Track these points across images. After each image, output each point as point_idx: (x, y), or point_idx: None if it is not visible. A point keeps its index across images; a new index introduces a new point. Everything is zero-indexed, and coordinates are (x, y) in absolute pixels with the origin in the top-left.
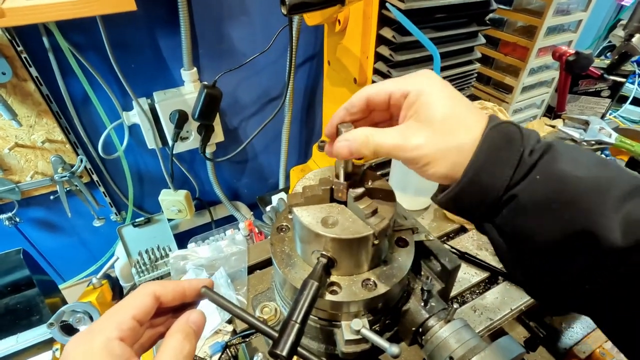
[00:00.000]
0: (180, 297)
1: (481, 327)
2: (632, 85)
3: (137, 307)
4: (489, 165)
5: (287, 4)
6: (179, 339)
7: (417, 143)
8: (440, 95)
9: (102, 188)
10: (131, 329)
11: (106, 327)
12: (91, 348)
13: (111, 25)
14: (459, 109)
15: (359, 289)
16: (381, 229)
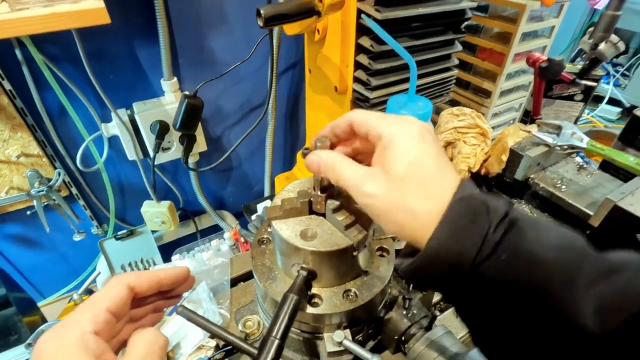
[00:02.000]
0: (156, 286)
1: (463, 332)
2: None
3: (111, 299)
4: (451, 241)
5: (263, 17)
6: (150, 332)
7: (370, 191)
8: (411, 151)
9: (82, 201)
10: (106, 321)
11: (80, 320)
12: (64, 342)
13: (87, 36)
14: (426, 170)
15: (340, 301)
16: (359, 239)
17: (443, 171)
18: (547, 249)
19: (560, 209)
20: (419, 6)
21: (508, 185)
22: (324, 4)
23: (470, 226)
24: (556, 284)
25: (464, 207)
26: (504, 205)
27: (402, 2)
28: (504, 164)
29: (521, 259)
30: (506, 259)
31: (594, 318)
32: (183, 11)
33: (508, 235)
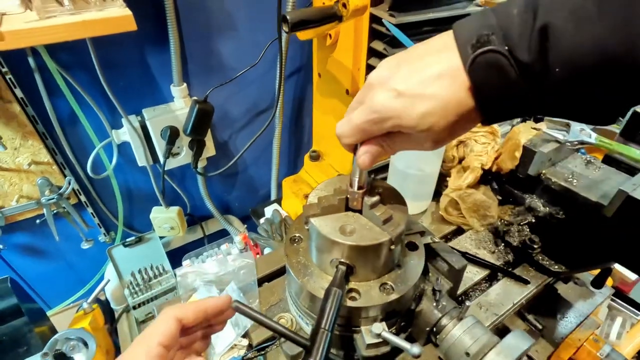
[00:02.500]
0: (203, 316)
1: (488, 322)
2: None
3: (162, 334)
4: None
5: (290, 22)
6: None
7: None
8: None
9: (91, 209)
10: (159, 355)
11: (136, 356)
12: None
13: (100, 44)
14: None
15: (377, 294)
16: (397, 234)
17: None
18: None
19: (572, 201)
20: (430, 11)
21: (520, 181)
22: (348, 10)
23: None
24: (616, 59)
25: (486, 71)
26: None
27: (414, 7)
28: (517, 160)
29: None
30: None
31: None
32: (193, 19)
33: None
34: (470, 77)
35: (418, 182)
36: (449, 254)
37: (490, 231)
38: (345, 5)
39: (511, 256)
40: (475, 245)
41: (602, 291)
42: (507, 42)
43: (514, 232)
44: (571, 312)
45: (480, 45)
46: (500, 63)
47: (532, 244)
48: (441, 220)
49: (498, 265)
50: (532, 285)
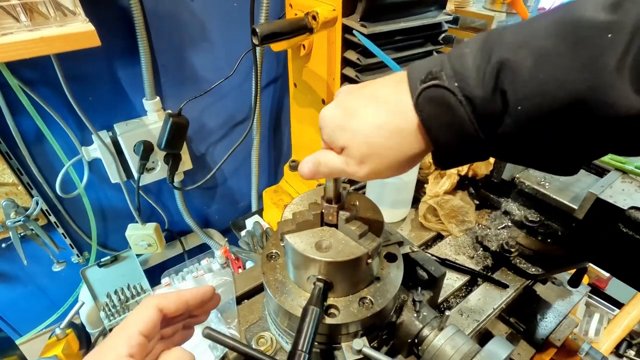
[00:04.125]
0: (184, 307)
1: (469, 329)
2: None
3: (143, 322)
4: (450, 142)
5: (259, 35)
6: (178, 350)
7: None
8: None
9: (61, 229)
10: (140, 344)
11: (115, 344)
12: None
13: (65, 59)
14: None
15: (357, 309)
16: (374, 247)
17: (375, 93)
18: (551, 69)
19: (545, 204)
20: (401, 20)
21: (495, 185)
22: (318, 22)
23: (451, 121)
24: (581, 97)
25: (433, 107)
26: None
27: (385, 16)
28: (492, 165)
29: (529, 104)
30: (513, 120)
31: (634, 99)
32: (164, 31)
33: (505, 91)
34: (417, 113)
35: (396, 191)
36: (428, 262)
37: (469, 236)
38: (315, 18)
39: (490, 260)
40: (454, 251)
41: (579, 289)
42: (457, 78)
43: (491, 236)
44: (550, 313)
45: (428, 80)
46: (447, 98)
47: (509, 247)
48: (421, 227)
49: (477, 270)
50: (511, 288)
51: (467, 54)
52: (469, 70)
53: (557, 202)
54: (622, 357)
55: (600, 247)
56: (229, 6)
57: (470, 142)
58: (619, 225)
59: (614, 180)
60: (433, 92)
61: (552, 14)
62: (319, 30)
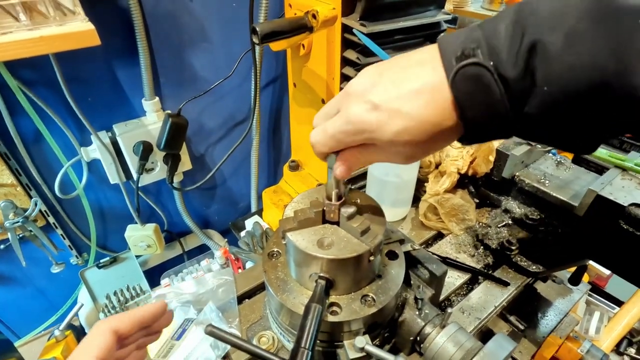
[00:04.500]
0: (139, 325)
1: (471, 327)
2: None
3: (98, 347)
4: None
5: (259, 34)
6: None
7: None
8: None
9: (60, 230)
10: (110, 351)
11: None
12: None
13: (64, 59)
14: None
15: (359, 306)
16: (376, 244)
17: (409, 67)
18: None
19: (545, 202)
20: (400, 20)
21: (495, 184)
22: (318, 21)
23: (487, 101)
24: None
25: (469, 85)
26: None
27: (385, 16)
28: (492, 163)
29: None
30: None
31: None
32: (163, 31)
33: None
34: (452, 91)
35: (396, 189)
36: (429, 260)
37: (470, 234)
38: (315, 16)
39: (491, 258)
40: (455, 250)
41: (580, 287)
42: (492, 57)
43: (492, 235)
44: (551, 311)
45: (465, 58)
46: (484, 77)
47: (509, 245)
48: (421, 226)
49: (478, 268)
50: (512, 286)
51: (501, 31)
52: (503, 50)
53: (557, 199)
54: (623, 355)
55: (601, 244)
56: (228, 6)
57: (498, 120)
58: (620, 222)
59: (613, 177)
60: (472, 70)
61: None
62: (319, 29)
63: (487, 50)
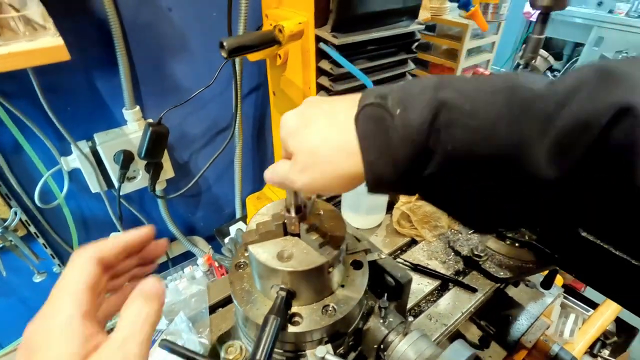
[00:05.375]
0: (123, 250)
1: (437, 333)
2: None
3: (84, 277)
4: (382, 163)
5: (226, 49)
6: (137, 303)
7: (293, 177)
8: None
9: (42, 239)
10: (88, 301)
11: (61, 306)
12: (53, 330)
13: (42, 71)
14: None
15: (320, 316)
16: (334, 256)
17: (332, 109)
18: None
19: None
20: (372, 31)
21: None
22: (284, 35)
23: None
24: (505, 153)
25: (370, 125)
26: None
27: (357, 27)
28: None
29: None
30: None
31: (548, 167)
32: (143, 41)
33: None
34: (356, 131)
35: (371, 197)
36: (395, 269)
37: (442, 241)
38: (281, 31)
39: (461, 265)
40: (427, 256)
41: (552, 291)
42: (401, 104)
43: (462, 241)
44: (523, 315)
45: (373, 101)
46: (384, 120)
47: (479, 252)
48: (395, 233)
49: (447, 275)
50: (480, 292)
51: (416, 86)
52: (413, 100)
53: None
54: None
55: (564, 251)
56: (209, 16)
57: (399, 173)
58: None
59: None
60: (373, 111)
61: (501, 77)
62: (287, 42)
63: (398, 97)
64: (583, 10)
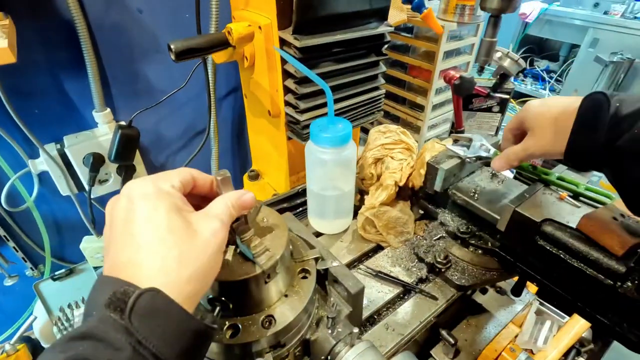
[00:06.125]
0: (209, 188)
1: (392, 343)
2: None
3: (185, 174)
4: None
5: (174, 51)
6: (225, 197)
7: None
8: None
9: (13, 243)
10: (189, 183)
11: (169, 177)
12: (155, 185)
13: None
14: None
15: (258, 328)
16: (269, 266)
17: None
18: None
19: (475, 215)
20: (337, 33)
21: (432, 197)
22: (233, 37)
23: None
24: None
25: (592, 101)
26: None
27: (321, 29)
28: (424, 177)
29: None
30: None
31: None
32: (112, 42)
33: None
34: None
35: (336, 202)
36: (347, 277)
37: (408, 247)
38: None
39: (425, 272)
40: (391, 263)
41: (522, 298)
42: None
43: (427, 248)
44: (490, 323)
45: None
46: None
47: (441, 258)
48: (361, 239)
49: (409, 282)
50: (441, 300)
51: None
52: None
53: (485, 213)
54: None
55: (523, 260)
56: (181, 17)
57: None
58: (536, 238)
59: (535, 191)
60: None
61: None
62: (239, 45)
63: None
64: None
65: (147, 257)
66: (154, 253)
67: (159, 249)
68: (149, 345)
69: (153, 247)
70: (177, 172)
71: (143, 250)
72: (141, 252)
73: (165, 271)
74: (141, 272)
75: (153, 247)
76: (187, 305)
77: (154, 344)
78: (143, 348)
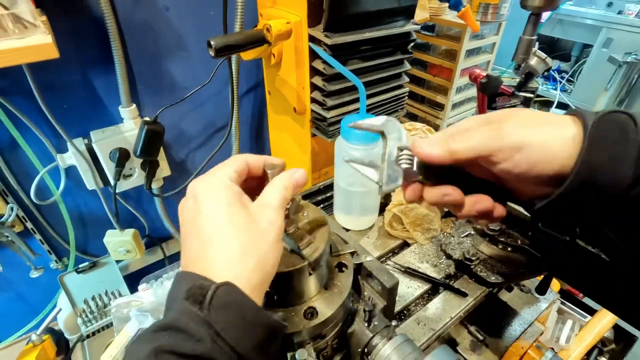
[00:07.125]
0: (261, 165)
1: (424, 338)
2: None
3: (240, 163)
4: (604, 161)
5: (214, 48)
6: (277, 181)
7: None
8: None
9: (39, 235)
10: (244, 172)
11: (225, 167)
12: (217, 178)
13: (37, 68)
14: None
15: (300, 319)
16: (314, 259)
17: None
18: None
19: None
20: (366, 31)
21: None
22: (272, 34)
23: (620, 142)
24: None
25: (610, 124)
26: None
27: (351, 27)
28: None
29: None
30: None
31: None
32: (139, 39)
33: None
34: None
35: (363, 198)
36: (381, 272)
37: (435, 244)
38: (269, 30)
39: (452, 268)
40: (418, 259)
41: (547, 297)
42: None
43: (454, 245)
44: (516, 320)
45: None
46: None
47: (470, 256)
48: (387, 235)
49: (438, 278)
50: (470, 297)
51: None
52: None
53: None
54: None
55: (556, 258)
56: (206, 15)
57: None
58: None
59: None
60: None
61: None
62: (276, 42)
63: None
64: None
65: (214, 252)
66: (219, 247)
67: (223, 243)
68: (227, 337)
69: (217, 241)
70: (233, 161)
71: (209, 246)
72: (208, 248)
73: (230, 264)
74: (212, 267)
75: (217, 241)
76: (255, 297)
77: (231, 336)
78: (221, 339)
